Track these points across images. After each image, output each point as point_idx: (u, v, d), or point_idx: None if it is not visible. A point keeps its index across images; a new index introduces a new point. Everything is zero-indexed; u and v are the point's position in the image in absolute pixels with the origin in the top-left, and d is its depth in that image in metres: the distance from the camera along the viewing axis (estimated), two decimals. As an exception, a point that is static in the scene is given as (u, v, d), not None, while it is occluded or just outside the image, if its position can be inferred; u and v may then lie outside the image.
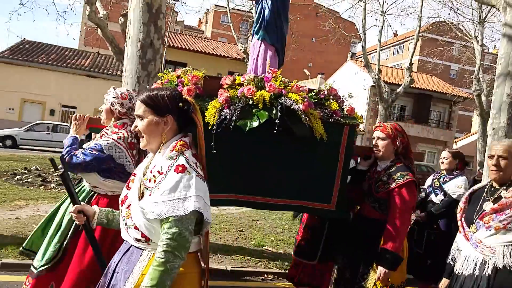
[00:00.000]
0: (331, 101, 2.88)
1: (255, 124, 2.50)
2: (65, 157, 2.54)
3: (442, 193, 4.22)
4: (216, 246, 5.14)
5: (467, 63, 22.13)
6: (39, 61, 22.14)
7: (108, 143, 2.63)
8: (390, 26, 31.94)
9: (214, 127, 2.45)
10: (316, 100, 2.81)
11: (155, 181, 1.60)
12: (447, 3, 16.82)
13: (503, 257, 2.14)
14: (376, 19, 16.93)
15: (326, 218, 3.25)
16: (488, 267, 2.17)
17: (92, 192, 2.69)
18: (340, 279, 2.92)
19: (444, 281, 2.52)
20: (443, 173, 4.33)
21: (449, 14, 19.16)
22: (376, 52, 16.86)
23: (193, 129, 1.75)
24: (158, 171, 1.61)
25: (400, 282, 2.75)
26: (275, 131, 2.47)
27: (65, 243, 2.58)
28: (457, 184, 4.16)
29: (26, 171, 9.85)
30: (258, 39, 3.27)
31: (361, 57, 25.29)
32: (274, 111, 2.53)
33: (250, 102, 2.56)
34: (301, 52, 21.94)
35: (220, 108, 2.51)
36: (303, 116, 2.55)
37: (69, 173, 2.05)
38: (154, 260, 1.53)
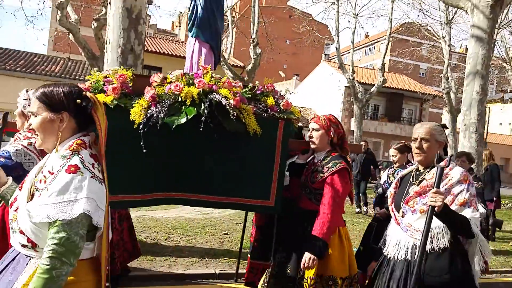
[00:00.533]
0: (268, 96, 2.88)
1: (183, 120, 2.47)
2: None
3: None
4: (202, 250, 5.13)
5: (436, 62, 22.87)
6: (6, 67, 21.46)
7: (16, 149, 2.51)
8: (363, 27, 32.62)
9: (141, 125, 2.42)
10: (250, 96, 2.80)
11: (45, 181, 1.50)
12: (416, 5, 17.33)
13: (431, 240, 2.12)
14: (349, 21, 17.24)
15: (271, 215, 3.19)
16: (418, 250, 2.13)
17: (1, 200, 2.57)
18: (281, 275, 2.80)
19: (373, 264, 2.52)
20: (397, 167, 4.34)
21: (418, 15, 19.75)
22: (349, 53, 17.22)
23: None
24: (49, 171, 1.52)
25: (345, 275, 2.62)
26: (201, 128, 2.46)
27: None
28: None
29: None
30: (192, 37, 3.27)
31: (334, 58, 25.68)
32: (202, 107, 2.51)
33: (180, 99, 2.53)
34: (276, 55, 22.09)
35: (147, 106, 2.47)
36: (231, 111, 2.52)
37: (3, 131, 1.94)
38: (39, 267, 1.41)
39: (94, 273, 1.59)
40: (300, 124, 3.54)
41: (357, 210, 9.48)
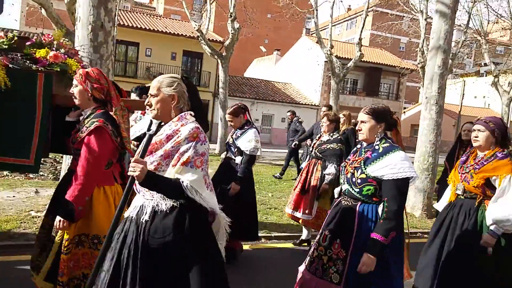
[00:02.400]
0: (43, 48, 2.71)
1: None
2: None
3: (236, 149, 4.16)
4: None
5: (414, 36, 23.13)
6: (-20, 43, 20.85)
7: None
8: (341, 1, 32.47)
9: None
10: (6, 47, 2.63)
11: None
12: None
13: (163, 199, 2.00)
14: (328, -6, 17.22)
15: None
16: (146, 212, 2.02)
17: None
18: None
19: None
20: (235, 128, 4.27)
21: (396, -12, 19.94)
22: (329, 27, 17.31)
23: None
24: None
25: (95, 233, 2.56)
26: None
27: None
28: (248, 139, 4.09)
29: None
30: None
31: (315, 32, 25.77)
32: None
33: None
34: (256, 29, 22.01)
35: None
36: None
37: None
38: None
39: None
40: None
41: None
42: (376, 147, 2.48)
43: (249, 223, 4.24)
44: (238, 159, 4.16)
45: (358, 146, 2.68)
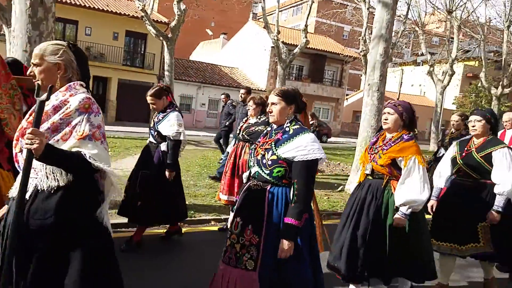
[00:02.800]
0: None
1: None
2: None
3: (156, 133, 4.06)
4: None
5: (357, 25, 23.94)
6: None
7: None
8: (288, -13, 32.69)
9: None
10: None
11: None
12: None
13: (47, 178, 1.85)
14: (275, -20, 17.25)
15: None
16: (27, 190, 1.83)
17: None
18: None
19: None
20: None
21: (340, -23, 20.42)
22: (275, 13, 17.41)
23: None
24: None
25: None
26: None
27: None
28: (170, 123, 3.99)
29: None
30: None
31: (262, 17, 25.78)
32: None
33: None
34: (203, 11, 21.59)
35: None
36: None
37: None
38: None
39: None
40: None
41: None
42: (287, 129, 2.48)
43: (174, 206, 4.17)
44: (163, 146, 4.02)
45: (268, 128, 2.68)
